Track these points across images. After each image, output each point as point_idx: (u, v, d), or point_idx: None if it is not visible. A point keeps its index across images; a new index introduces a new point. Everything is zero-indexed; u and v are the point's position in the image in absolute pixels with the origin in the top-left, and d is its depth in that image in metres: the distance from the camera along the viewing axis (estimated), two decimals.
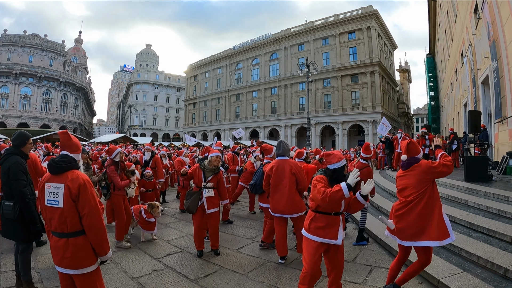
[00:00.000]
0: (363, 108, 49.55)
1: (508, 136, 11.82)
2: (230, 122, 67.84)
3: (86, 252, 3.03)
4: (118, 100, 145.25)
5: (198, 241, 5.91)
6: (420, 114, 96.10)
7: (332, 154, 3.93)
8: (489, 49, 13.73)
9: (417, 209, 3.73)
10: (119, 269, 5.12)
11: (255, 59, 65.28)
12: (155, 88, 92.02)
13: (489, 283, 4.20)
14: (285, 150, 5.81)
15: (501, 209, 6.67)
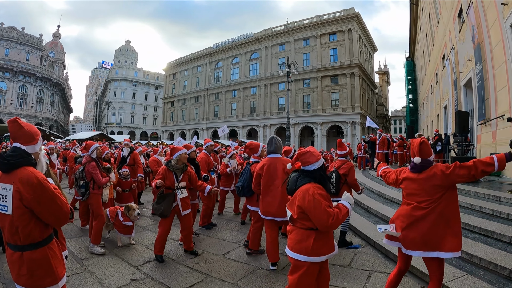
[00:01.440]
0: (342, 109, 49.87)
1: (492, 138, 11.88)
2: (209, 121, 67.14)
3: (46, 269, 2.43)
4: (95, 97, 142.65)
5: (161, 246, 5.47)
6: (398, 116, 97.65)
7: (308, 152, 3.31)
8: (473, 52, 13.81)
9: (432, 216, 3.24)
10: (93, 279, 4.60)
11: (235, 58, 64.80)
12: (133, 85, 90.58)
13: (494, 285, 4.08)
14: (278, 147, 5.39)
15: (495, 209, 6.66)
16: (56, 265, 2.48)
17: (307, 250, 3.06)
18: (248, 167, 6.21)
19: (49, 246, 2.47)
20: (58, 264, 2.51)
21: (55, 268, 2.46)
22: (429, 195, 3.29)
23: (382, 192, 10.28)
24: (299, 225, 3.18)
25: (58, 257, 2.54)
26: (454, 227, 3.27)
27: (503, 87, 10.76)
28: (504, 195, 7.47)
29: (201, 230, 7.40)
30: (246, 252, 5.93)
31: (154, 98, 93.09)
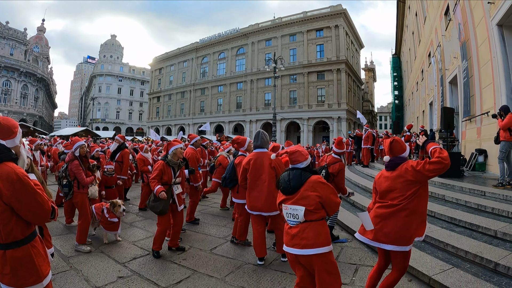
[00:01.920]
0: (328, 105, 50.19)
1: (477, 134, 12.11)
2: (195, 116, 66.76)
3: (29, 268, 2.33)
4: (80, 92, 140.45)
5: (161, 242, 5.44)
6: (383, 113, 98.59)
7: (297, 151, 3.39)
8: (459, 49, 14.05)
9: (405, 213, 3.29)
10: (80, 277, 4.50)
11: (222, 53, 64.47)
12: (118, 80, 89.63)
13: (480, 278, 4.13)
14: (264, 142, 5.37)
15: (480, 203, 6.78)
16: (40, 264, 2.38)
17: (327, 240, 3.18)
18: (233, 160, 6.23)
19: (32, 244, 2.37)
20: (42, 262, 2.41)
21: (38, 267, 2.36)
22: (402, 192, 3.34)
23: (368, 187, 10.37)
24: (314, 217, 3.18)
25: (42, 255, 2.44)
26: (422, 217, 3.41)
27: (488, 85, 10.92)
28: (488, 190, 7.60)
29: (187, 226, 7.34)
30: (231, 240, 5.98)
31: (140, 93, 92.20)
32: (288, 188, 3.29)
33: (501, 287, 3.86)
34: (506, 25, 9.83)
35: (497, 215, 6.18)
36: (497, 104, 9.75)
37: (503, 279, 4.06)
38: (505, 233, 5.15)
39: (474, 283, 3.98)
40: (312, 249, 3.09)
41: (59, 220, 7.35)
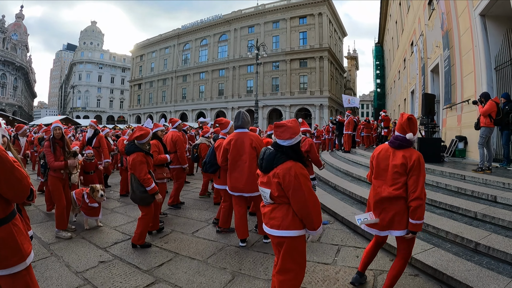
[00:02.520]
0: (310, 92, 50.55)
1: (457, 121, 12.29)
2: (177, 103, 66.24)
3: (11, 248, 2.24)
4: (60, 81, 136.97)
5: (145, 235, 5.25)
6: (365, 101, 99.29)
7: (284, 125, 2.99)
8: (441, 39, 14.16)
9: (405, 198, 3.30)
10: (60, 263, 4.42)
11: (204, 40, 63.79)
12: (99, 68, 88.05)
13: (461, 257, 4.20)
14: (245, 122, 5.26)
15: (460, 186, 6.93)
16: (22, 242, 2.31)
17: (297, 224, 2.97)
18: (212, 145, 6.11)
19: (13, 222, 2.29)
20: (24, 240, 2.34)
21: (21, 245, 2.29)
22: (401, 175, 3.30)
23: (349, 171, 10.55)
24: (281, 201, 3.00)
25: (23, 233, 2.36)
26: None
27: (469, 73, 11.07)
28: (468, 174, 7.75)
29: (169, 210, 7.31)
30: (216, 230, 5.88)
31: (120, 81, 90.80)
32: (261, 167, 3.11)
33: (482, 265, 3.92)
34: (488, 15, 9.91)
35: (477, 198, 6.31)
36: (478, 92, 9.87)
37: (483, 258, 4.14)
38: (485, 214, 5.25)
39: (455, 262, 4.04)
40: (278, 230, 2.98)
41: (39, 208, 7.25)
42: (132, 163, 4.98)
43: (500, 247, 4.14)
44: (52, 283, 3.81)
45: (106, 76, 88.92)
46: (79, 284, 3.83)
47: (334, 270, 4.20)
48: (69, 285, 3.80)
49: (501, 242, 4.29)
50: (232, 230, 5.76)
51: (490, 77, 9.96)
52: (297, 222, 2.95)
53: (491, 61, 9.98)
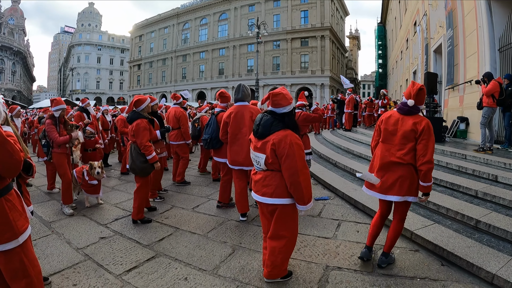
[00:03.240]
0: (312, 71, 50.12)
1: (459, 102, 12.23)
2: (177, 83, 65.65)
3: (4, 224, 2.21)
4: (59, 64, 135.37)
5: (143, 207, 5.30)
6: (367, 81, 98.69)
7: (281, 93, 3.11)
8: (445, 19, 13.96)
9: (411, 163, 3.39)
10: (61, 240, 4.44)
11: (204, 19, 62.81)
12: (98, 49, 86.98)
13: (462, 234, 4.22)
14: (245, 95, 5.18)
15: (461, 165, 6.93)
16: (15, 219, 2.26)
17: (285, 193, 3.06)
18: (214, 117, 5.96)
19: (6, 197, 2.24)
20: (18, 217, 2.29)
21: (13, 222, 2.24)
22: (409, 141, 3.36)
23: (350, 149, 10.55)
24: (274, 168, 3.09)
25: (18, 210, 2.31)
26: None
27: (473, 54, 10.92)
28: (469, 153, 7.75)
29: (169, 187, 7.36)
30: (216, 205, 5.89)
31: (120, 62, 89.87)
32: (256, 132, 3.18)
33: (482, 243, 3.93)
34: None
35: (477, 177, 6.32)
36: (481, 73, 9.71)
37: (483, 236, 4.15)
38: (485, 193, 5.26)
39: (456, 238, 4.05)
40: (271, 198, 3.08)
41: (40, 188, 7.27)
42: (136, 129, 4.92)
43: (500, 225, 4.14)
44: (53, 260, 3.83)
45: (105, 57, 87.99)
46: (79, 260, 3.85)
47: (335, 244, 4.22)
48: (70, 261, 3.81)
49: (501, 221, 4.30)
50: (232, 205, 5.79)
51: (493, 58, 9.84)
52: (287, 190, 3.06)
53: (495, 42, 9.84)
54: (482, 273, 3.34)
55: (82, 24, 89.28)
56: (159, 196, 6.41)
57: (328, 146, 12.22)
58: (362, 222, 5.01)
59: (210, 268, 3.66)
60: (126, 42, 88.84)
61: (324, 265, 3.68)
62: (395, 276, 3.42)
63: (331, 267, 3.65)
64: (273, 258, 3.18)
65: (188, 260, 3.83)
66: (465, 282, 3.31)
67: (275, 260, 3.17)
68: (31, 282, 2.38)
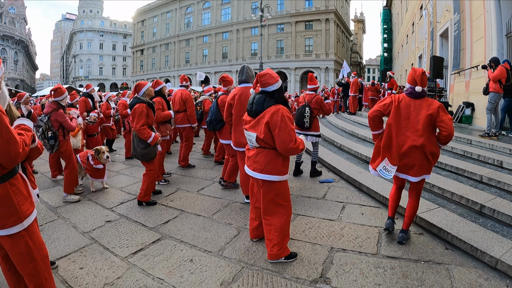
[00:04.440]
0: (316, 55, 49.78)
1: (465, 87, 12.09)
2: (180, 68, 65.14)
3: (8, 207, 2.21)
4: (61, 51, 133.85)
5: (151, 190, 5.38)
6: (372, 65, 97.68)
7: (267, 73, 3.38)
8: (452, 3, 13.73)
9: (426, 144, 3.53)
10: (67, 225, 4.48)
11: (206, 3, 61.95)
12: (100, 35, 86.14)
13: (466, 218, 4.23)
14: (249, 76, 5.16)
15: (466, 150, 6.93)
16: (20, 203, 2.26)
17: (278, 170, 3.32)
18: (215, 101, 6.00)
19: (11, 182, 2.23)
20: (23, 201, 2.29)
21: (18, 206, 2.24)
22: (425, 123, 3.49)
23: (354, 132, 10.57)
24: (267, 146, 3.32)
25: (23, 194, 2.31)
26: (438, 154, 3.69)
27: (480, 39, 10.76)
28: (475, 139, 7.73)
29: (174, 171, 7.40)
30: (221, 184, 5.97)
31: (122, 47, 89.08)
32: (250, 111, 3.43)
33: (486, 228, 3.93)
34: None
35: (483, 162, 6.31)
36: (487, 58, 9.56)
37: (488, 221, 4.15)
38: (490, 178, 5.25)
39: (460, 222, 4.05)
40: (261, 174, 3.32)
41: (45, 174, 7.30)
42: (132, 113, 4.98)
43: (505, 211, 4.14)
44: (60, 244, 3.87)
45: (107, 43, 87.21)
46: (86, 243, 3.90)
47: (339, 226, 4.24)
48: (77, 244, 3.86)
49: (506, 206, 4.29)
50: (237, 186, 5.82)
51: (500, 43, 9.67)
52: (279, 167, 3.32)
53: (502, 28, 9.67)
54: (486, 257, 3.34)
55: (83, 10, 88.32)
56: (164, 179, 6.43)
57: (332, 129, 12.23)
58: (367, 205, 5.01)
59: (216, 249, 3.69)
60: (128, 28, 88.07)
61: (329, 247, 3.70)
62: (399, 259, 3.44)
63: (335, 248, 3.67)
64: (270, 237, 3.35)
65: (194, 242, 3.87)
66: (468, 266, 3.31)
67: (272, 239, 3.34)
68: (36, 266, 2.39)
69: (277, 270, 3.26)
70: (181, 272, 3.25)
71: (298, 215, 4.63)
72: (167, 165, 7.64)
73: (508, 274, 3.11)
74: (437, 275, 3.14)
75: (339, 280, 3.09)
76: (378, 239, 3.88)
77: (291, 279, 3.10)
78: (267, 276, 3.15)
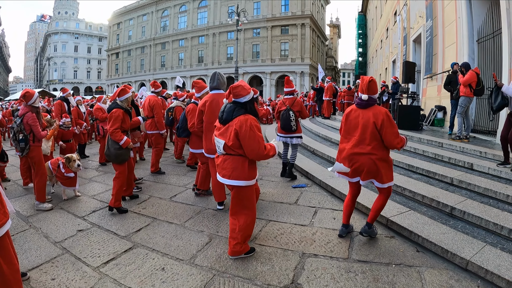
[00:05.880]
0: (292, 59, 50.20)
1: (437, 91, 12.46)
2: (156, 72, 64.64)
3: None
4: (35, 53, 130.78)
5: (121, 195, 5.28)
6: (347, 69, 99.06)
7: (240, 85, 3.53)
8: (425, 9, 14.16)
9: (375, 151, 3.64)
10: (39, 234, 4.38)
11: (183, 6, 61.64)
12: (75, 38, 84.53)
13: (437, 220, 4.34)
14: (221, 83, 5.11)
15: (437, 153, 7.09)
16: None
17: (245, 175, 3.47)
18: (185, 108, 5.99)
19: None
20: None
21: None
22: (372, 132, 3.60)
23: (328, 136, 10.72)
24: (233, 152, 3.48)
25: None
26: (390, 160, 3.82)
27: (451, 44, 11.14)
28: (446, 142, 7.95)
29: (147, 177, 7.32)
30: (195, 192, 5.93)
31: (97, 50, 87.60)
32: (221, 119, 3.59)
33: (457, 229, 4.04)
34: None
35: (453, 165, 6.48)
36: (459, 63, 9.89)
37: (458, 223, 4.27)
38: (461, 180, 5.40)
39: (431, 225, 4.14)
40: (229, 179, 3.50)
41: (17, 182, 7.09)
42: (109, 116, 5.05)
43: (475, 212, 4.25)
44: (32, 255, 3.78)
45: (82, 46, 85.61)
46: (57, 253, 3.82)
47: (311, 232, 4.28)
48: (48, 255, 3.77)
49: (476, 208, 4.41)
50: (210, 193, 5.79)
51: (472, 49, 10.04)
52: (245, 173, 3.47)
53: (474, 33, 10.04)
54: (457, 259, 3.43)
55: (58, 12, 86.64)
56: (136, 186, 6.34)
57: (307, 133, 12.32)
58: (339, 209, 5.07)
59: (187, 257, 3.67)
60: (104, 30, 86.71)
61: (300, 252, 3.73)
62: (370, 262, 3.49)
63: (307, 254, 3.70)
64: (234, 235, 3.58)
65: (165, 250, 3.84)
66: (439, 268, 3.39)
67: (236, 237, 3.56)
68: (6, 282, 2.32)
69: (248, 277, 3.27)
70: (152, 281, 3.22)
71: (270, 221, 4.66)
72: (140, 172, 7.60)
73: (479, 274, 3.20)
74: (408, 277, 3.20)
75: (310, 285, 3.11)
76: (349, 244, 3.93)
77: (263, 286, 3.12)
78: (239, 283, 3.16)
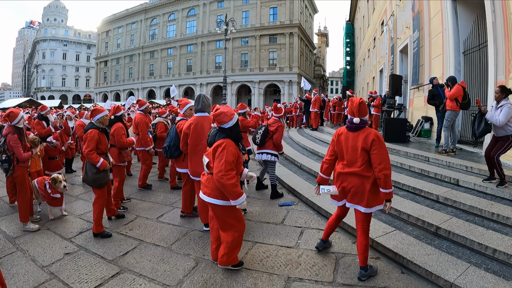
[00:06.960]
0: (280, 68, 50.59)
1: (424, 102, 12.48)
2: (144, 80, 64.68)
3: None
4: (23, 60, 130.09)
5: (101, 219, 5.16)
6: (335, 78, 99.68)
7: (222, 112, 3.73)
8: (411, 20, 14.36)
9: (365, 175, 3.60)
10: (26, 258, 4.32)
11: (172, 15, 61.91)
12: (63, 45, 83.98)
13: (422, 240, 4.36)
14: (205, 105, 5.13)
15: (424, 168, 7.13)
16: None
17: (223, 195, 3.60)
18: (174, 126, 5.88)
19: None
20: None
21: None
22: (362, 155, 3.57)
23: (315, 150, 10.66)
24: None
25: None
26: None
27: (438, 55, 11.31)
28: (432, 156, 7.99)
29: (134, 195, 7.28)
30: (180, 215, 5.89)
31: (86, 58, 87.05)
32: (207, 142, 3.90)
33: (441, 250, 4.08)
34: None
35: (439, 180, 6.52)
36: (445, 74, 10.15)
37: (443, 242, 4.30)
38: (446, 198, 5.45)
39: (416, 245, 4.17)
40: (208, 197, 3.70)
41: (3, 199, 7.00)
42: (84, 137, 5.06)
43: (460, 232, 4.30)
44: (19, 280, 3.74)
45: (71, 53, 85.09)
46: (45, 279, 3.77)
47: (297, 254, 4.28)
48: (36, 280, 3.73)
49: (461, 227, 4.45)
50: (196, 215, 5.75)
51: (458, 60, 10.20)
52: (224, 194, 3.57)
53: (460, 45, 10.20)
54: (441, 281, 3.46)
55: (47, 18, 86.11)
56: (123, 207, 6.29)
57: (294, 146, 12.35)
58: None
59: (174, 283, 3.66)
60: (92, 38, 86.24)
61: (286, 277, 3.74)
62: (355, 286, 3.52)
63: (292, 278, 3.72)
64: (221, 248, 3.81)
65: (152, 275, 3.82)
66: None
67: (225, 251, 3.75)
68: None
69: None
70: None
71: (257, 243, 4.65)
72: (127, 189, 7.51)
73: None
74: None
75: None
76: (335, 266, 3.95)
77: None
78: None
